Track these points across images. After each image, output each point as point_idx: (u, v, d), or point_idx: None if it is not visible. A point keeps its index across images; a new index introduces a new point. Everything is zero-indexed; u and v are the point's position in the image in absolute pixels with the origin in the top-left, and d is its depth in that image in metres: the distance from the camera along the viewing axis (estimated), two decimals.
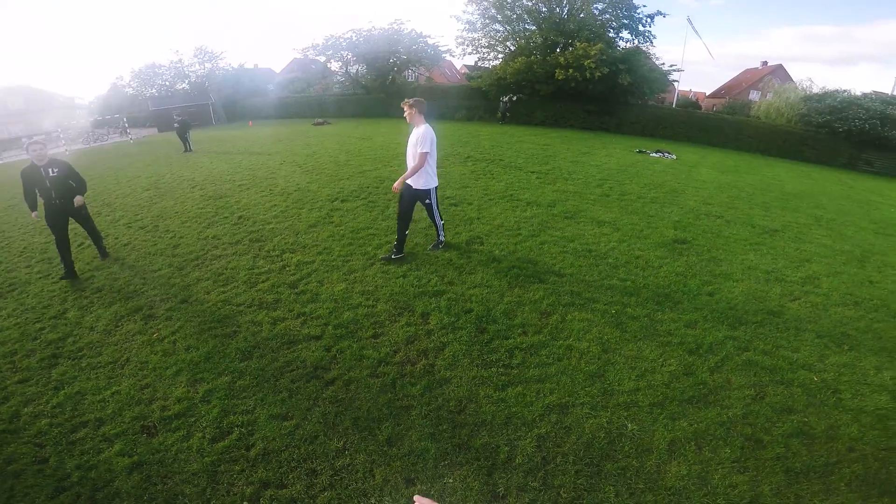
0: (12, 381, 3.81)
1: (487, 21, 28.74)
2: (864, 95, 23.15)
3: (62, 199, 5.46)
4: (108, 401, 3.48)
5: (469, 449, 2.88)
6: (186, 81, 41.36)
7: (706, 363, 3.76)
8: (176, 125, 17.62)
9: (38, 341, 4.37)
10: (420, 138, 5.12)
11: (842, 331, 4.40)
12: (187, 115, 20.77)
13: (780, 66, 48.56)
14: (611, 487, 2.61)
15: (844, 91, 23.63)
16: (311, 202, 8.10)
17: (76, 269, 5.79)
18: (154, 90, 41.03)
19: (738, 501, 2.54)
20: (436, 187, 5.51)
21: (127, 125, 30.65)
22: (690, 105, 38.43)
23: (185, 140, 17.10)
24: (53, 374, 3.83)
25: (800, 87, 27.27)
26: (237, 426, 3.13)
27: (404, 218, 5.47)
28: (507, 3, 27.23)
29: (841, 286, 5.45)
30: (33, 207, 5.51)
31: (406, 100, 5.17)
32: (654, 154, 16.11)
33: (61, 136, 27.33)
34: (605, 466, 2.76)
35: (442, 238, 5.93)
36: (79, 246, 6.67)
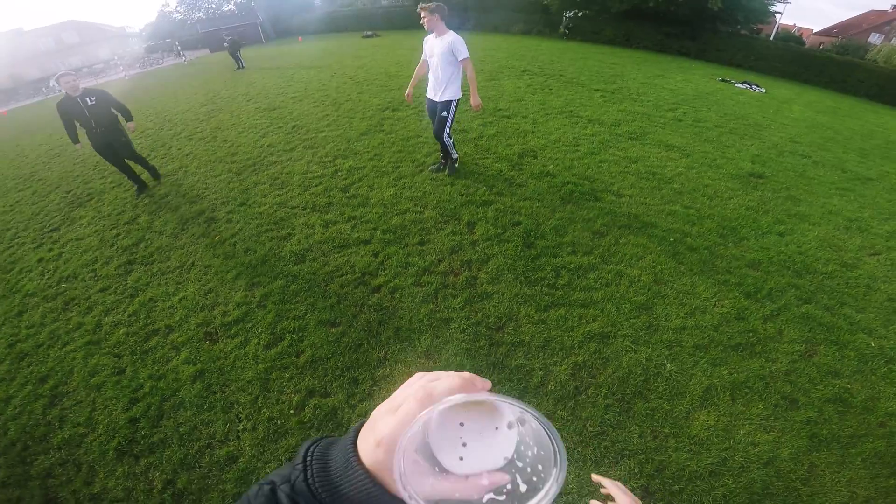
0: (94, 290, 4.12)
1: None
2: None
3: (103, 128, 5.34)
4: (177, 307, 3.72)
5: (504, 368, 2.92)
6: (232, 2, 42.12)
7: (761, 310, 3.54)
8: (226, 45, 18.06)
9: (115, 248, 4.68)
10: (451, 46, 4.48)
11: None
12: (236, 34, 21.46)
13: None
14: (636, 427, 2.60)
15: None
16: (363, 111, 8.02)
17: (144, 179, 6.06)
18: (202, 13, 42.19)
19: (754, 460, 2.48)
20: (458, 100, 4.89)
21: (181, 49, 31.22)
22: (793, 40, 33.58)
23: (237, 58, 17.53)
24: (129, 281, 4.10)
25: None
26: (289, 332, 3.28)
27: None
28: None
29: None
30: (75, 140, 5.48)
31: (424, 3, 4.47)
32: (739, 85, 14.33)
33: (119, 62, 28.93)
34: (635, 405, 2.73)
35: (455, 155, 5.30)
36: (147, 156, 7.00)
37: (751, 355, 3.14)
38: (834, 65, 21.88)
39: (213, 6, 42.19)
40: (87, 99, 5.21)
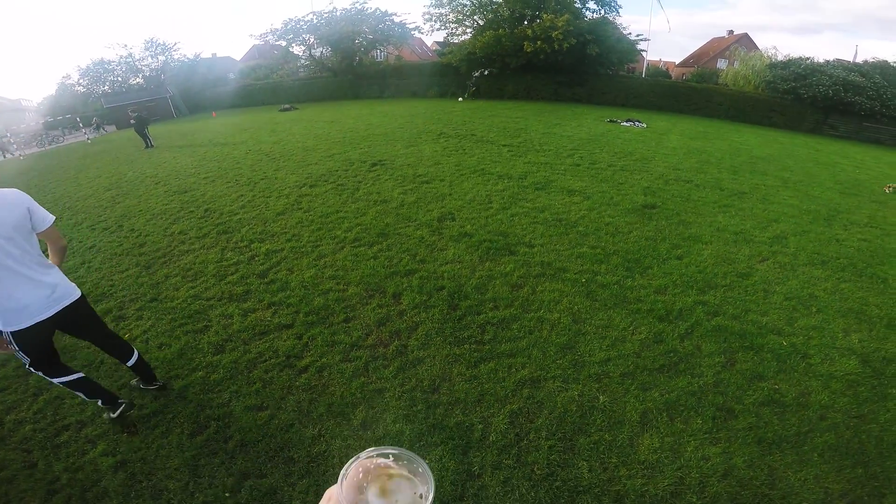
0: None
1: None
2: (827, 63, 24.07)
3: None
4: (87, 403, 3.39)
5: (444, 428, 2.89)
6: (140, 76, 39.79)
7: (676, 330, 3.82)
8: (132, 121, 16.85)
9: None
10: (23, 208, 2.51)
11: (809, 292, 4.51)
12: (144, 109, 19.93)
13: (746, 35, 49.47)
14: (584, 463, 2.63)
15: (808, 59, 24.49)
16: (279, 189, 7.94)
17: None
18: (106, 87, 39.39)
19: (711, 474, 2.56)
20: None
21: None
22: (661, 74, 38.82)
23: (144, 136, 16.47)
24: (31, 382, 3.71)
25: (765, 55, 27.95)
26: (213, 419, 3.10)
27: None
28: None
29: (808, 245, 5.59)
30: None
31: None
32: (624, 123, 16.23)
33: (11, 140, 25.79)
34: (577, 441, 2.78)
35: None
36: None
37: (676, 374, 3.33)
38: (696, 93, 25.66)
39: (120, 79, 39.75)
40: None
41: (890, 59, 23.76)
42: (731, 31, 52.30)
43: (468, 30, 28.93)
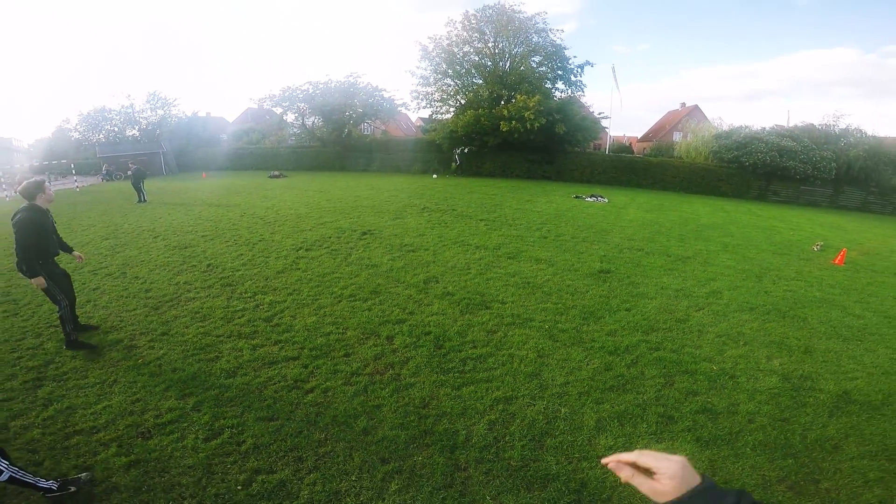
0: None
1: (439, 76, 30.63)
2: (763, 129, 25.90)
3: None
4: (101, 413, 3.70)
5: (433, 433, 3.50)
6: (137, 128, 39.19)
7: (623, 361, 4.62)
8: (130, 172, 16.83)
9: (18, 367, 4.47)
10: None
11: (738, 330, 5.47)
12: (140, 163, 19.95)
13: (696, 107, 50.84)
14: (552, 458, 3.28)
15: (746, 127, 26.32)
16: (277, 251, 8.57)
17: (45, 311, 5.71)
18: (102, 135, 38.52)
19: None
20: None
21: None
22: (624, 150, 40.72)
23: (139, 190, 16.41)
24: (40, 394, 3.97)
25: (713, 125, 30.02)
26: (228, 427, 3.53)
27: None
28: (457, 59, 29.43)
29: (739, 297, 6.61)
30: None
31: None
32: (588, 199, 17.81)
33: (2, 180, 24.69)
34: (545, 441, 3.44)
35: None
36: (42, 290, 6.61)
37: (624, 392, 4.10)
38: (653, 167, 27.46)
39: (116, 129, 38.60)
40: None
41: (816, 121, 25.79)
42: (683, 104, 53.98)
43: (451, 108, 30.96)
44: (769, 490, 3.05)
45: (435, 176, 27.50)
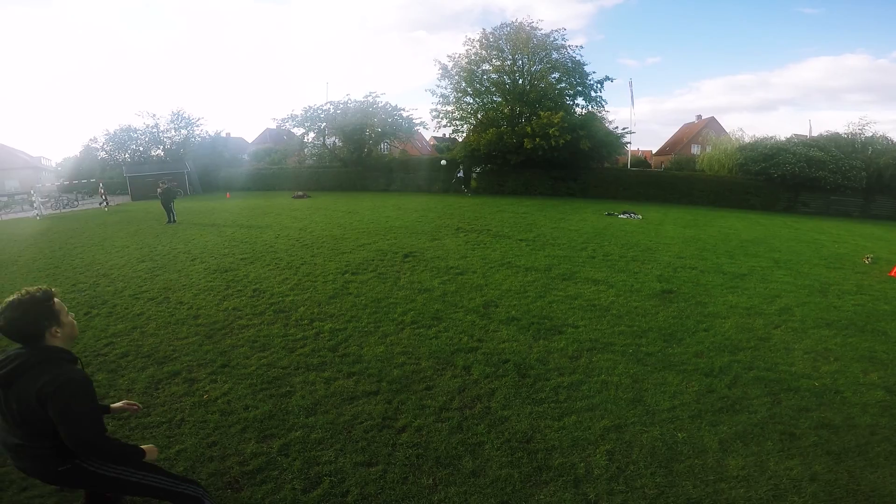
0: None
1: (459, 94, 30.64)
2: (788, 140, 25.58)
3: None
4: (175, 459, 3.42)
5: (549, 469, 3.26)
6: (161, 147, 39.15)
7: (722, 382, 4.39)
8: (159, 191, 16.49)
9: None
10: None
11: (824, 346, 5.24)
12: (173, 182, 19.71)
13: (713, 118, 51.29)
14: (687, 482, 3.08)
15: (771, 137, 26.02)
16: (323, 275, 8.30)
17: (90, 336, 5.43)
18: (127, 155, 38.47)
19: (800, 479, 3.10)
20: None
21: (105, 192, 28.74)
22: (641, 164, 40.47)
23: (169, 210, 16.12)
24: None
25: (734, 137, 29.72)
26: (326, 475, 3.24)
27: None
28: (477, 77, 29.49)
29: (812, 313, 6.33)
30: None
31: None
32: (622, 216, 17.56)
33: (34, 198, 24.61)
34: (674, 467, 3.23)
35: None
36: (85, 315, 6.52)
37: (735, 412, 3.89)
38: (680, 181, 26.98)
39: (142, 148, 38.56)
40: None
41: (841, 130, 25.56)
42: (699, 116, 54.33)
43: (471, 126, 30.57)
44: None
45: (468, 193, 27.02)
